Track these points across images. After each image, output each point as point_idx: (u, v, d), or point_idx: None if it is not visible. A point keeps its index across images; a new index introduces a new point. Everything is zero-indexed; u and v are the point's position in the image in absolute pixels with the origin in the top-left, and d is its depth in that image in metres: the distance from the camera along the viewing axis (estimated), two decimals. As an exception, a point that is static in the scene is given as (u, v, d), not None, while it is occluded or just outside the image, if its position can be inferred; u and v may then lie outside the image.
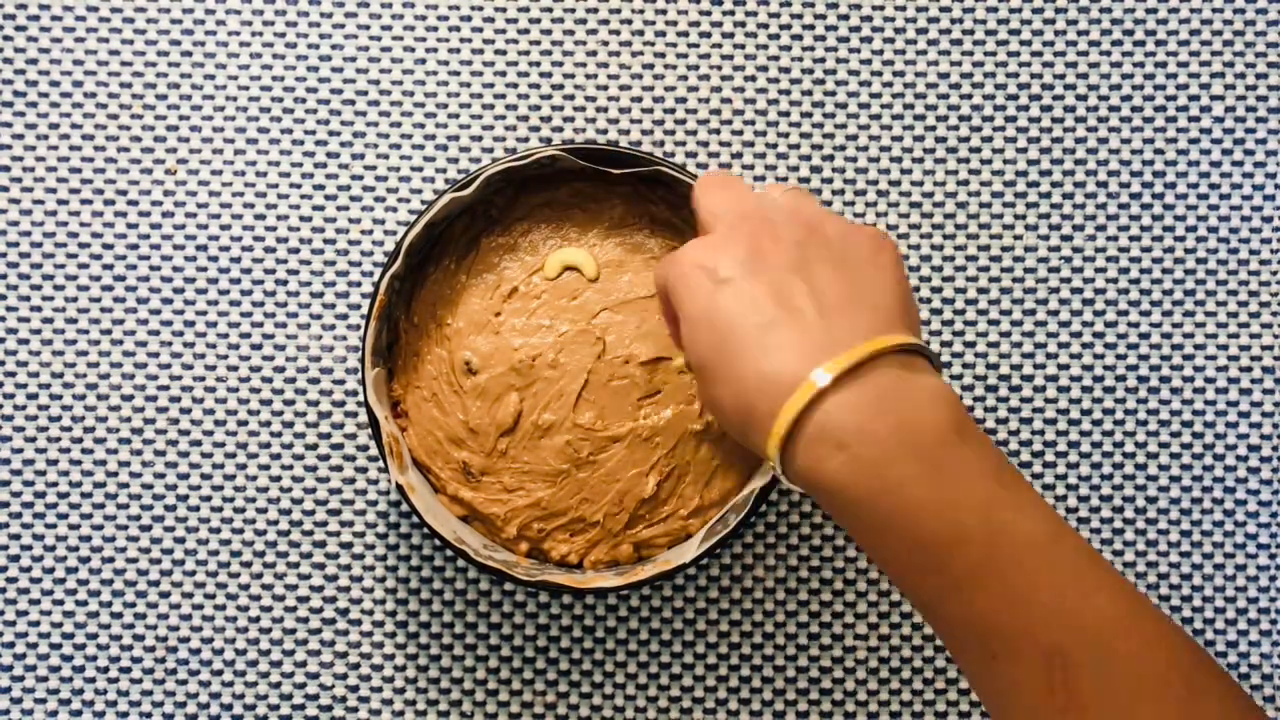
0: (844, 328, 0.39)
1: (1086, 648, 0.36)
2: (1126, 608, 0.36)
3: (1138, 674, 0.36)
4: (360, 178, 0.60)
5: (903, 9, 0.60)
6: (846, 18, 0.60)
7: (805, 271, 0.40)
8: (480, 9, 0.60)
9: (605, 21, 0.60)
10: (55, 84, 0.60)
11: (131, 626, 0.59)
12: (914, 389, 0.38)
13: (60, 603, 0.59)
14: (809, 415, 0.38)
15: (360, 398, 0.59)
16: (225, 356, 0.59)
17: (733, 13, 0.60)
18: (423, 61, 0.60)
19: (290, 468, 0.59)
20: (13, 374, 0.59)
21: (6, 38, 0.60)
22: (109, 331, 0.59)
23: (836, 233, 0.42)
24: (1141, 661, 0.36)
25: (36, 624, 0.58)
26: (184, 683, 0.58)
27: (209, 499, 0.59)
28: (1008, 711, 0.38)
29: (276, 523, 0.59)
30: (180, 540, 0.59)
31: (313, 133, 0.60)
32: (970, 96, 0.60)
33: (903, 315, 0.41)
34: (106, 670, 0.58)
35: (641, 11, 0.60)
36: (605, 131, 0.60)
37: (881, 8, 0.60)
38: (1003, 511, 0.37)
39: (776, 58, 0.60)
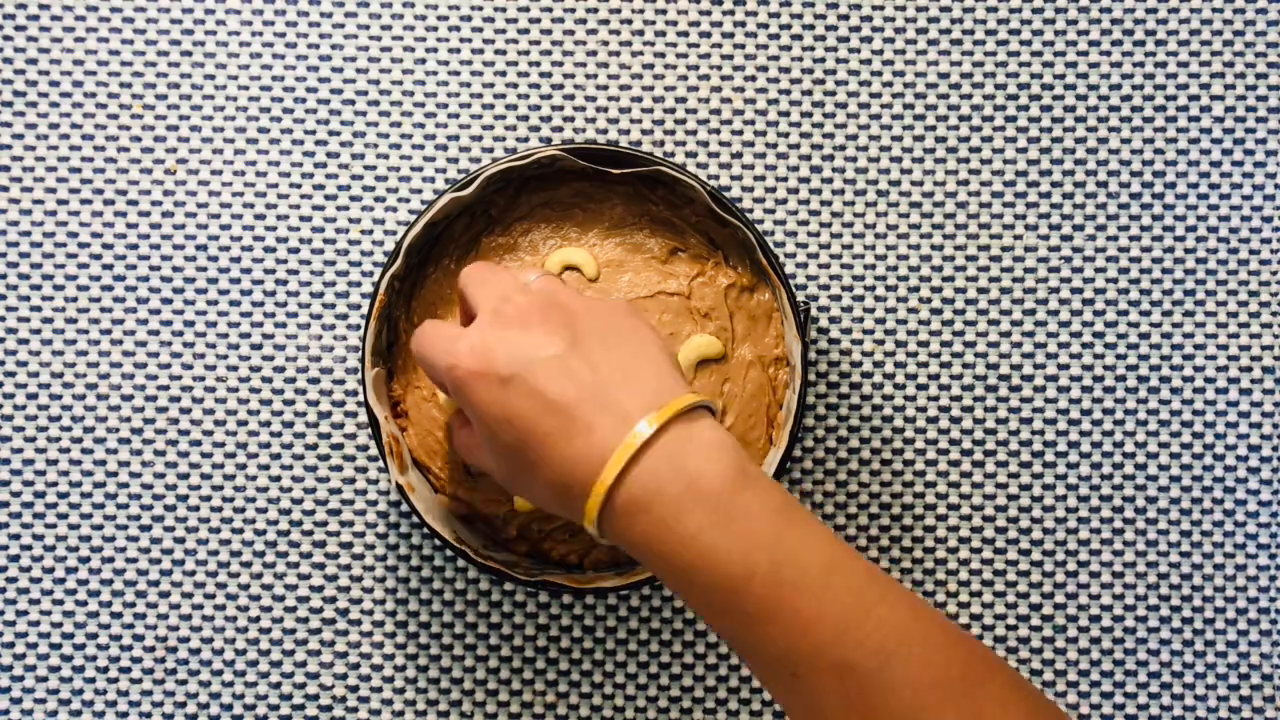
0: (632, 402, 0.43)
1: (870, 657, 0.39)
2: (905, 615, 0.40)
3: (918, 673, 0.39)
4: (360, 178, 0.60)
5: (903, 9, 0.60)
6: (846, 18, 0.60)
7: (580, 350, 0.44)
8: (480, 9, 0.60)
9: (605, 21, 0.60)
10: (55, 84, 0.60)
11: (131, 626, 0.59)
12: (699, 445, 0.42)
13: (60, 603, 0.59)
14: (616, 489, 0.42)
15: (360, 398, 0.59)
16: (225, 356, 0.59)
17: (733, 13, 0.60)
18: (423, 61, 0.60)
19: (290, 468, 0.59)
20: (13, 374, 0.59)
21: (6, 38, 0.60)
22: (109, 331, 0.59)
23: (591, 310, 0.46)
24: (920, 662, 0.39)
25: (36, 624, 0.58)
26: (184, 683, 0.58)
27: (209, 499, 0.59)
28: None
29: (276, 523, 0.59)
30: (180, 540, 0.59)
31: (313, 133, 0.60)
32: (970, 96, 0.60)
33: (674, 372, 0.45)
34: (106, 670, 0.58)
35: (641, 11, 0.60)
36: (605, 131, 0.60)
37: (881, 8, 0.60)
38: (786, 546, 0.41)
39: (776, 58, 0.60)
